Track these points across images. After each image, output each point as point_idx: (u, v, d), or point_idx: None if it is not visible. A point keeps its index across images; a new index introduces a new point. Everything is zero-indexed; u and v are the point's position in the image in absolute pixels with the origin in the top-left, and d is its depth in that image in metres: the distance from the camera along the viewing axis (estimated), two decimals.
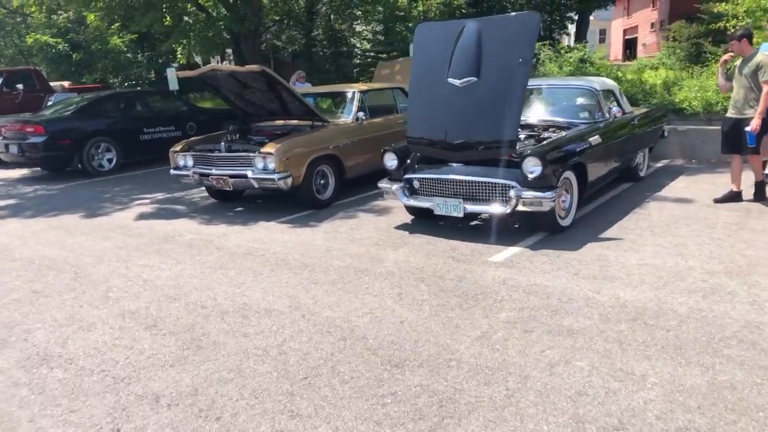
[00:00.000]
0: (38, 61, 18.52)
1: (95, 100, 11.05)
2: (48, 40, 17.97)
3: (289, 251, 5.28)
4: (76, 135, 10.12)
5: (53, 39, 18.09)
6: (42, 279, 4.93)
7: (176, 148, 7.12)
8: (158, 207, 7.61)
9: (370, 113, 7.61)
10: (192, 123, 11.92)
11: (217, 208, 7.33)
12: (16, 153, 10.11)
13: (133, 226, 6.58)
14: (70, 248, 5.83)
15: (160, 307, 4.15)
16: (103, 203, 8.04)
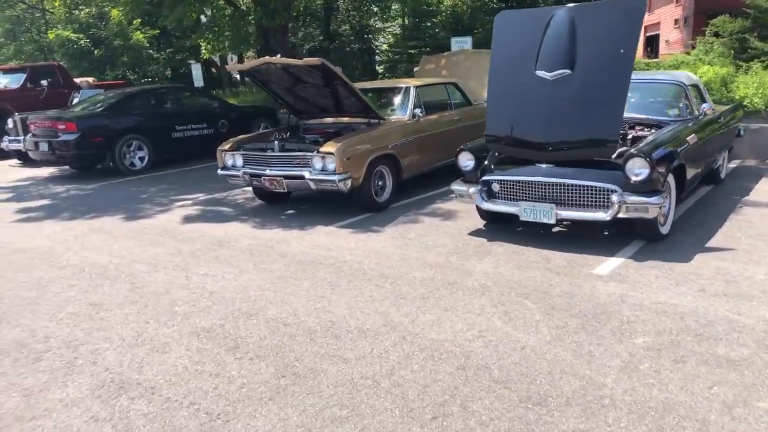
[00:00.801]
0: (59, 57, 18.18)
1: (126, 96, 10.67)
2: (70, 36, 17.63)
3: (362, 260, 4.84)
4: (108, 132, 9.74)
5: (75, 34, 17.76)
6: (97, 289, 4.53)
7: (224, 147, 6.70)
8: (202, 209, 7.20)
9: (424, 110, 7.16)
10: (224, 120, 11.54)
11: (266, 210, 6.91)
12: (46, 151, 9.74)
13: (182, 230, 6.17)
14: (119, 254, 5.43)
15: (236, 325, 3.73)
16: (141, 204, 7.64)
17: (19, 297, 4.46)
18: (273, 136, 7.01)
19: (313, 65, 5.94)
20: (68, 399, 2.97)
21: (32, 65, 15.20)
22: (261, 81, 6.91)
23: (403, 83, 7.45)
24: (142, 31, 19.06)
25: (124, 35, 18.63)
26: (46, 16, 19.96)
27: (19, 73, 14.33)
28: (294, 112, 7.43)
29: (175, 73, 22.79)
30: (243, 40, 13.78)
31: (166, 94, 11.28)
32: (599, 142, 4.49)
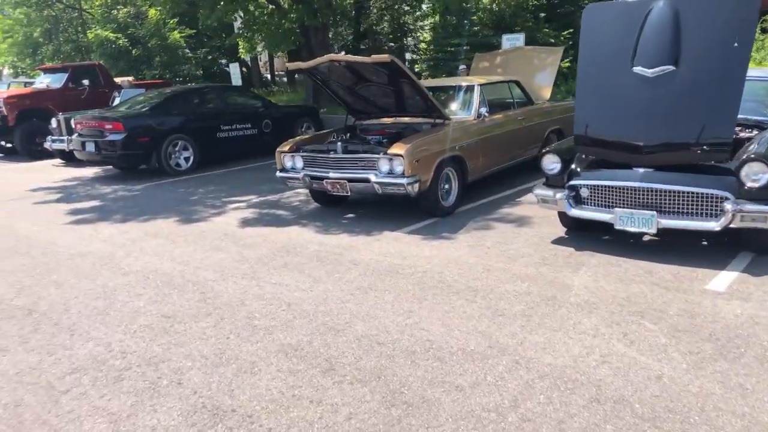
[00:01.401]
0: (97, 56, 18.22)
1: (171, 96, 10.52)
2: (108, 36, 17.64)
3: (442, 270, 4.53)
4: (155, 133, 9.58)
5: (113, 34, 17.76)
6: (166, 299, 4.29)
7: (284, 149, 6.44)
8: (258, 212, 6.96)
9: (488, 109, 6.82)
10: (267, 120, 11.32)
11: (324, 214, 6.64)
12: (92, 151, 9.63)
13: (242, 235, 5.93)
14: (181, 260, 5.20)
15: (325, 342, 3.45)
16: (194, 206, 7.44)
17: (87, 306, 4.24)
18: (331, 137, 6.76)
19: (382, 63, 5.64)
20: (160, 427, 2.72)
21: (73, 65, 15.22)
22: (320, 80, 6.64)
23: (467, 81, 7.11)
24: (180, 30, 19.00)
25: (160, 35, 18.60)
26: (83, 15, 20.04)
27: (61, 73, 14.34)
28: (351, 112, 7.14)
29: (206, 73, 22.74)
30: (283, 38, 13.56)
31: (210, 93, 11.10)
32: (711, 145, 4.10)
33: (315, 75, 6.56)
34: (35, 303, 4.37)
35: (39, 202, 8.32)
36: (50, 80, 14.29)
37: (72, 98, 13.89)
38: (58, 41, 19.22)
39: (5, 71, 52.05)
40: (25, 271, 5.14)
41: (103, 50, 18.10)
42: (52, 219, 7.16)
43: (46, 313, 4.18)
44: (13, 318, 4.11)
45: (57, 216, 7.33)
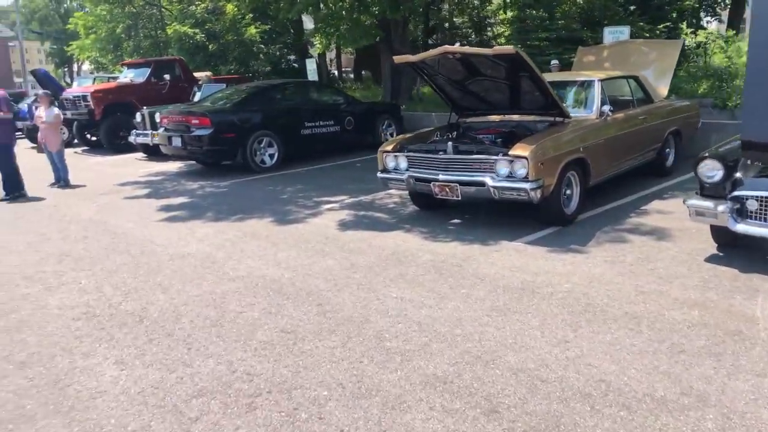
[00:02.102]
0: (174, 51, 18.47)
1: (256, 91, 10.34)
2: (187, 31, 17.83)
3: (586, 290, 3.99)
4: (241, 128, 9.40)
5: (191, 30, 17.94)
6: (281, 311, 3.95)
7: (386, 148, 6.04)
8: (354, 213, 6.59)
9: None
10: (350, 117, 10.99)
11: (426, 218, 6.19)
12: (179, 146, 9.55)
13: (345, 239, 5.56)
14: (287, 265, 4.87)
15: (476, 375, 2.99)
16: (286, 206, 7.15)
17: (199, 315, 3.95)
18: (435, 136, 6.31)
19: (505, 55, 5.13)
20: None
21: (156, 60, 15.41)
22: (425, 74, 6.19)
23: (586, 76, 6.50)
24: (256, 26, 19.03)
25: (236, 30, 18.67)
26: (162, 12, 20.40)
27: (144, 68, 14.52)
28: (455, 109, 6.66)
29: (275, 69, 22.73)
30: (363, 33, 13.21)
31: (293, 89, 10.88)
32: None
33: (422, 69, 6.11)
34: (144, 309, 4.12)
35: (129, 197, 8.26)
36: (133, 75, 14.50)
37: (153, 93, 14.03)
38: (139, 37, 19.64)
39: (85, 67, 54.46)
40: (128, 272, 4.93)
41: (180, 45, 18.32)
42: (144, 215, 7.03)
43: (158, 321, 3.91)
44: (125, 325, 3.86)
45: (149, 212, 7.20)
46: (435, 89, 6.44)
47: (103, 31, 19.36)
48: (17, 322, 4.01)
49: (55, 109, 9.39)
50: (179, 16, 18.34)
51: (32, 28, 63.59)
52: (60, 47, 66.71)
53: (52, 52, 68.52)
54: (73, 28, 27.46)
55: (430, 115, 12.75)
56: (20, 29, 44.42)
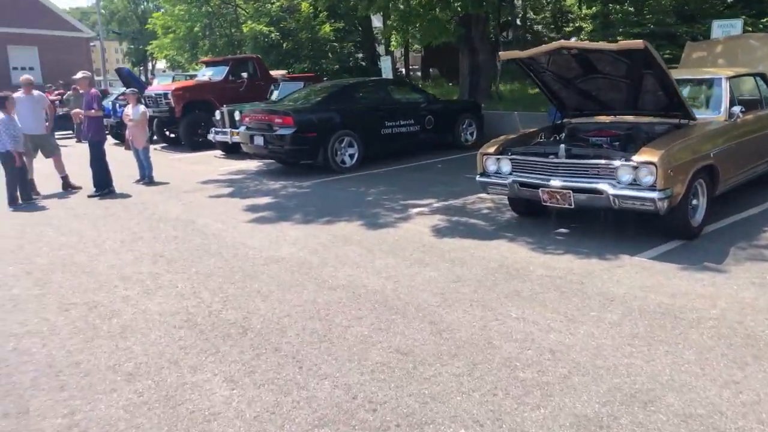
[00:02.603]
0: (248, 50, 18.67)
1: (337, 90, 10.14)
2: (262, 29, 17.97)
3: (740, 318, 3.49)
4: (323, 128, 9.23)
5: (267, 28, 18.07)
6: (392, 327, 3.65)
7: (488, 150, 5.65)
8: (447, 219, 6.24)
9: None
10: (430, 116, 10.64)
11: (528, 226, 5.77)
12: (261, 145, 9.47)
13: (444, 247, 5.22)
14: (388, 274, 4.58)
15: (635, 419, 2.58)
16: (373, 208, 6.88)
17: (305, 329, 3.71)
18: (539, 138, 5.89)
19: (632, 50, 4.64)
20: None
21: (234, 58, 15.55)
22: (532, 70, 5.76)
23: (710, 73, 5.89)
24: (330, 24, 18.99)
25: (310, 28, 18.67)
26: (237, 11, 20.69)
27: (222, 66, 14.65)
28: (561, 109, 6.19)
29: (342, 67, 22.64)
30: (442, 30, 12.82)
31: (374, 87, 10.63)
32: None
33: (529, 66, 5.68)
34: (246, 319, 3.92)
35: (213, 195, 8.22)
36: (212, 73, 14.66)
37: (231, 91, 14.12)
38: (214, 36, 19.99)
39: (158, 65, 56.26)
40: (223, 276, 4.78)
41: (255, 43, 18.48)
42: (231, 215, 6.93)
43: (262, 333, 3.69)
44: (228, 337, 3.66)
45: (235, 212, 7.10)
46: (540, 87, 6.00)
47: (182, 30, 19.82)
48: (120, 327, 3.89)
49: (141, 106, 9.51)
50: (254, 14, 18.50)
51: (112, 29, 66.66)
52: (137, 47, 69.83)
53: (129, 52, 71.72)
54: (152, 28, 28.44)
55: (512, 114, 12.23)
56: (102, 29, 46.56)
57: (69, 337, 3.79)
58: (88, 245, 5.91)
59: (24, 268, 5.26)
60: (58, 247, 5.87)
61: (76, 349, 3.60)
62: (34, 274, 5.08)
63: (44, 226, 6.82)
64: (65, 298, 4.48)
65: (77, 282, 4.83)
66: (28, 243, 6.10)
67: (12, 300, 4.49)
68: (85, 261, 5.39)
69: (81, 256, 5.55)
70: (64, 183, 9.23)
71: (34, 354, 3.57)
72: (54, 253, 5.68)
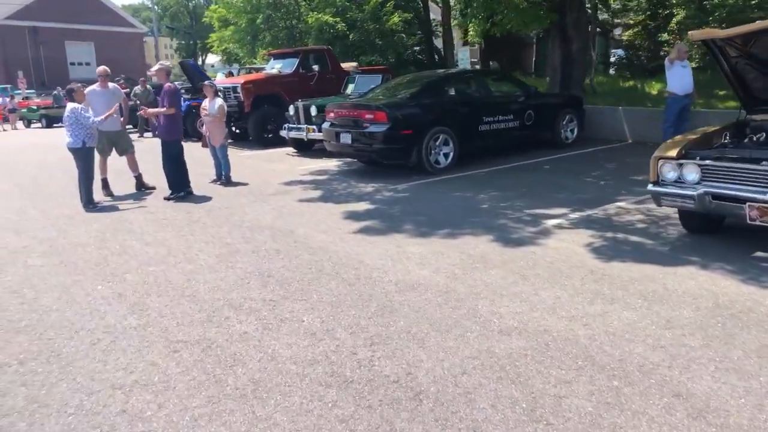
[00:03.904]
0: (312, 41, 17.86)
1: (430, 82, 9.17)
2: (328, 20, 17.14)
3: None
4: (418, 124, 8.28)
5: (333, 18, 17.23)
6: (624, 403, 2.66)
7: (666, 154, 4.58)
8: (598, 235, 5.20)
9: None
10: (530, 111, 9.57)
11: (714, 247, 4.67)
12: (348, 143, 8.59)
13: (619, 276, 4.18)
14: (568, 314, 3.59)
15: None
16: (497, 219, 5.90)
17: (499, 396, 2.75)
18: (724, 138, 4.79)
19: None
20: None
21: (304, 49, 14.77)
22: (726, 54, 4.65)
23: None
24: (398, 14, 18.02)
25: (377, 18, 17.74)
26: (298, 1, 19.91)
27: (292, 58, 13.89)
28: (746, 102, 5.06)
29: (399, 60, 21.59)
30: (535, 16, 11.68)
31: (470, 79, 9.63)
32: None
33: (721, 49, 4.58)
34: (411, 376, 3.00)
35: (302, 199, 7.38)
36: (281, 65, 13.91)
37: (301, 84, 13.36)
38: (277, 27, 19.30)
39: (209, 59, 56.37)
40: (355, 307, 3.88)
41: (320, 35, 17.66)
42: (332, 224, 6.06)
43: (441, 400, 2.77)
44: (399, 406, 2.75)
45: (335, 220, 6.23)
46: (727, 75, 4.87)
47: (244, 22, 19.21)
48: (250, 381, 3.03)
49: (219, 100, 8.75)
50: (320, 5, 17.69)
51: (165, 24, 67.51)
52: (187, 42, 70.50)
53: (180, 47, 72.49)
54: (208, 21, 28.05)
55: (616, 110, 11.04)
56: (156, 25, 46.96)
57: (188, 394, 2.95)
58: (179, 259, 5.14)
59: (114, 288, 4.50)
60: (147, 262, 5.11)
61: (201, 415, 2.76)
62: (128, 297, 4.31)
63: (126, 233, 6.10)
64: (170, 332, 3.68)
65: (179, 310, 4.02)
66: (111, 255, 5.37)
67: (108, 333, 3.71)
68: (182, 281, 4.59)
69: (175, 274, 4.76)
70: (138, 182, 8.58)
71: (150, 420, 2.74)
72: (144, 269, 4.91)
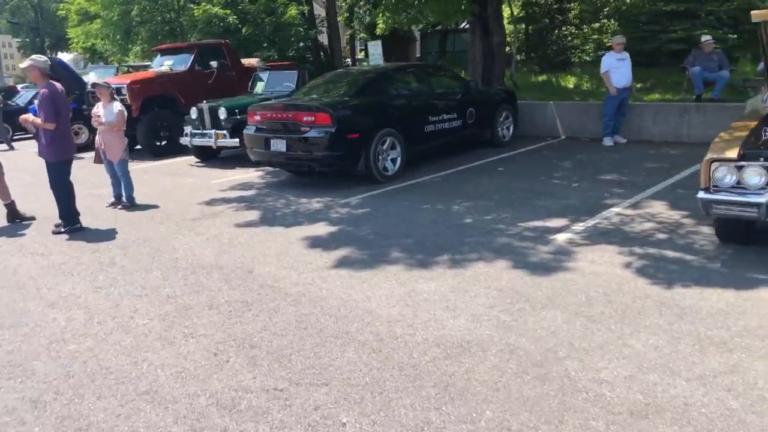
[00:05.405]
0: (198, 36, 15.99)
1: (373, 78, 8.08)
2: (218, 12, 15.39)
3: None
4: (366, 126, 7.21)
5: (223, 10, 15.50)
6: None
7: (724, 155, 3.92)
8: (626, 251, 4.48)
9: None
10: (472, 108, 8.86)
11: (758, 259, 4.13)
12: (282, 150, 7.28)
13: (701, 308, 3.46)
14: (663, 365, 2.81)
15: None
16: (495, 237, 5.02)
17: None
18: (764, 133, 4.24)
19: None
20: None
21: (199, 43, 13.01)
22: None
23: None
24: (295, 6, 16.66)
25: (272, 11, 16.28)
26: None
27: (185, 54, 12.12)
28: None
29: (282, 56, 20.18)
30: (456, 8, 11.01)
31: (413, 74, 8.69)
32: None
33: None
34: None
35: (240, 224, 6.02)
36: (172, 62, 12.08)
37: (198, 83, 11.69)
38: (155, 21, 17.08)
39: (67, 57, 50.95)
40: (406, 391, 2.79)
41: (208, 29, 15.85)
42: (296, 257, 4.85)
43: None
44: None
45: (297, 250, 5.01)
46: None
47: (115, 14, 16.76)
48: None
49: (117, 104, 7.07)
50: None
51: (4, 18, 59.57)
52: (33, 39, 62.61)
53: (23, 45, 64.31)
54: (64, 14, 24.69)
55: (547, 105, 10.67)
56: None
57: None
58: (109, 328, 3.69)
59: (16, 390, 3.00)
60: (60, 337, 3.61)
61: None
62: (47, 406, 2.85)
63: (13, 291, 4.44)
64: None
65: (141, 424, 2.67)
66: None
67: None
68: (126, 367, 3.20)
69: (111, 355, 3.35)
70: (10, 213, 6.67)
71: None
72: (58, 350, 3.43)
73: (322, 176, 7.86)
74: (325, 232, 5.57)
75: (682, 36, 12.24)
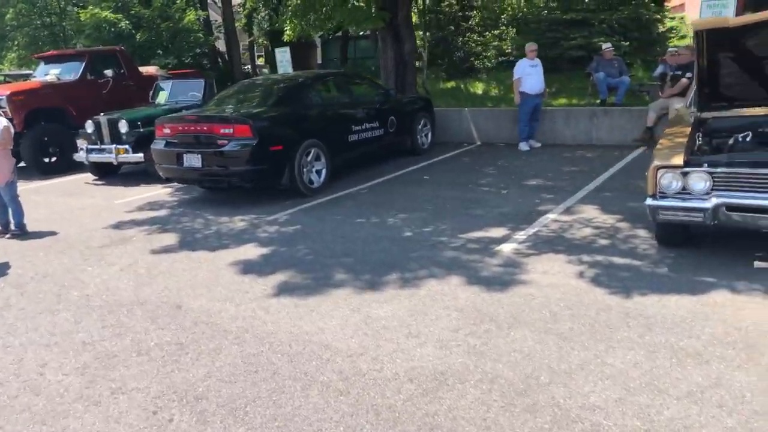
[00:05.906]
0: (88, 41, 14.70)
1: (293, 87, 7.66)
2: (107, 17, 14.20)
3: None
4: (289, 138, 6.80)
5: (113, 15, 14.33)
6: None
7: (669, 162, 3.96)
8: (573, 261, 4.44)
9: None
10: (393, 117, 8.70)
11: (701, 261, 4.22)
12: (196, 166, 6.70)
13: (646, 312, 3.43)
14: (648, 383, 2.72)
15: None
16: (440, 252, 4.83)
17: None
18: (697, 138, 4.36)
19: None
20: None
21: (91, 50, 11.88)
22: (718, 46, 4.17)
23: None
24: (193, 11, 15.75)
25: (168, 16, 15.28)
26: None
27: (75, 61, 11.03)
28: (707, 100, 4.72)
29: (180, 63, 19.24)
30: (366, 15, 10.81)
31: (334, 82, 8.36)
32: None
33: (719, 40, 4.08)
34: None
35: (157, 250, 5.42)
36: (59, 71, 10.92)
37: (92, 94, 10.69)
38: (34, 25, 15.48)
39: None
40: None
41: (97, 35, 14.61)
42: (230, 286, 4.39)
43: None
44: None
45: (229, 279, 4.55)
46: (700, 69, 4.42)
47: None
48: None
49: (2, 120, 6.17)
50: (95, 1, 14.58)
51: None
52: None
53: None
54: None
55: (462, 112, 10.74)
56: None
57: None
58: (15, 390, 3.09)
59: None
60: None
61: None
62: None
63: None
64: None
65: None
66: None
67: None
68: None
69: (21, 425, 2.76)
70: None
71: None
72: None
73: (233, 191, 7.35)
74: (256, 254, 5.12)
75: (582, 43, 12.84)
